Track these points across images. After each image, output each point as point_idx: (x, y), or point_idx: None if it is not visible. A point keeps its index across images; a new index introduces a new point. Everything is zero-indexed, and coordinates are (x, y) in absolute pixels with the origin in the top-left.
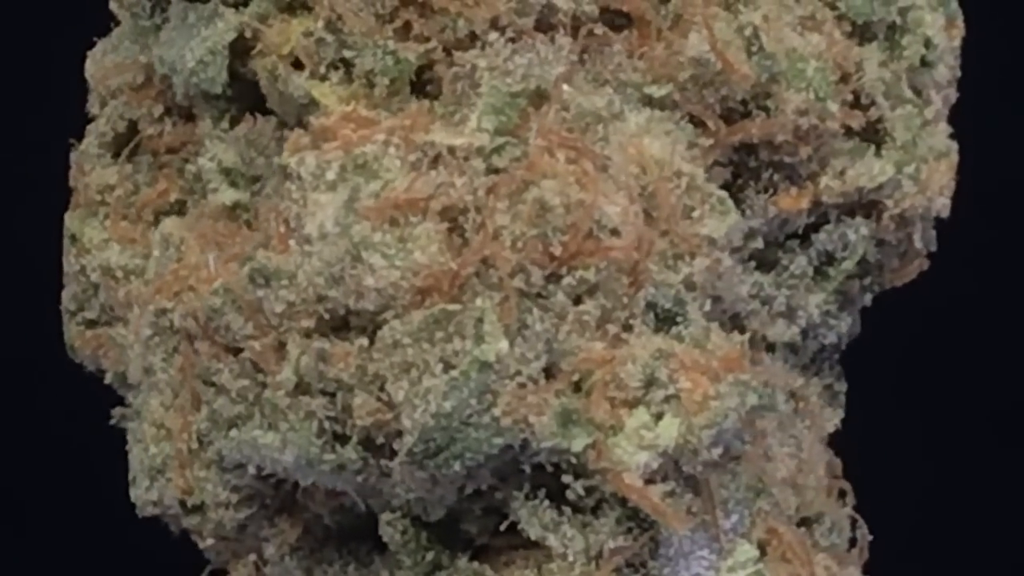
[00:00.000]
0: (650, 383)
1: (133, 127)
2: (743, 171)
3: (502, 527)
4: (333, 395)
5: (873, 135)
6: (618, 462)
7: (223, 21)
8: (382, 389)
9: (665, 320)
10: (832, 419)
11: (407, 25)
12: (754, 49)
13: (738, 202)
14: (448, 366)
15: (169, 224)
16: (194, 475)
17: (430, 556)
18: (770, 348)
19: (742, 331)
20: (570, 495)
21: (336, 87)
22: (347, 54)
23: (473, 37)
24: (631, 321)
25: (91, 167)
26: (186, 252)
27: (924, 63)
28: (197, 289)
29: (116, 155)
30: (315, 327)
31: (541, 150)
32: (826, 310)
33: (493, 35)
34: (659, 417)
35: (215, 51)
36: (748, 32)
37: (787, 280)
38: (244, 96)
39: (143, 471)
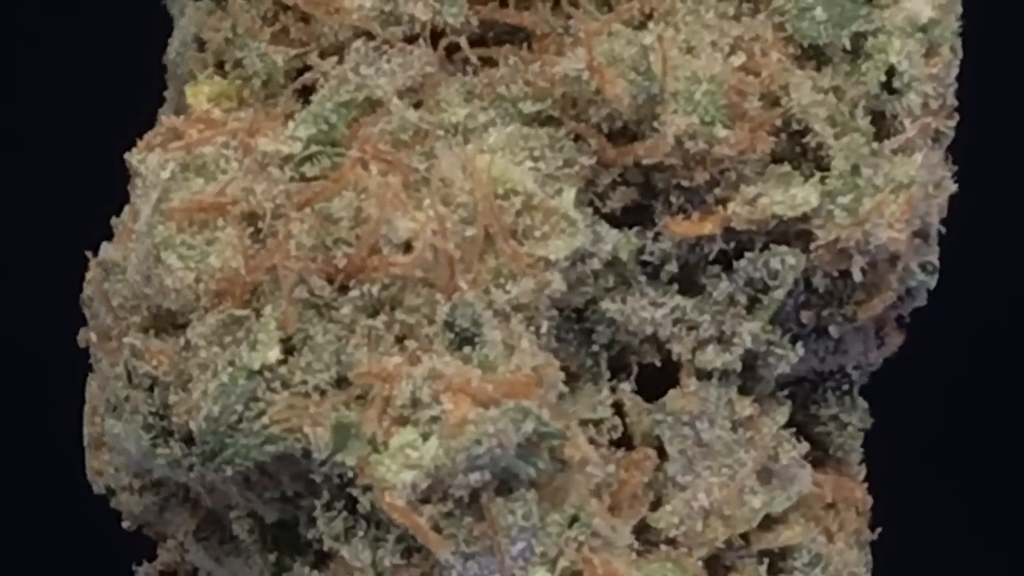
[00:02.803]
0: (415, 403)
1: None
2: (658, 193)
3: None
4: (151, 391)
5: (820, 162)
6: (381, 479)
7: (186, 15)
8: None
9: (464, 340)
10: (844, 450)
11: (285, 29)
12: (641, 69)
13: (651, 224)
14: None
15: (125, 211)
16: (101, 458)
17: (273, 558)
18: (706, 374)
19: (667, 355)
20: (360, 509)
21: (215, 86)
22: (238, 54)
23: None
24: (436, 338)
25: None
26: None
27: (891, 91)
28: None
29: None
30: (144, 322)
31: (354, 161)
32: (767, 339)
33: (358, 43)
34: (427, 437)
35: (185, 43)
36: (634, 52)
37: (711, 306)
38: None
39: (86, 450)
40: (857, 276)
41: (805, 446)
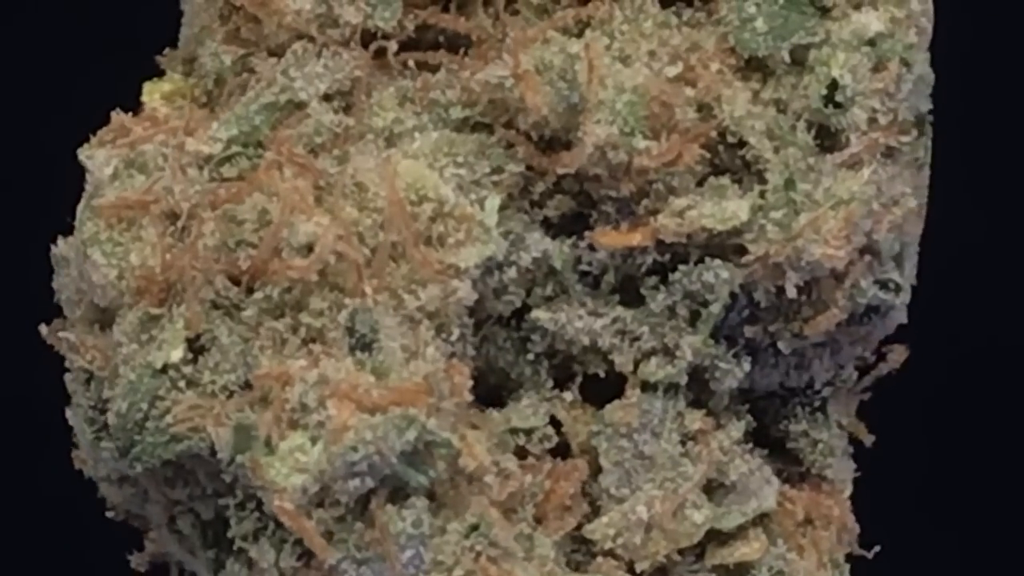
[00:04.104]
0: (303, 407)
1: None
2: (595, 203)
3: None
4: (88, 385)
5: (761, 176)
6: (271, 482)
7: (186, 13)
8: None
9: (363, 345)
10: (819, 467)
11: (237, 29)
12: (567, 78)
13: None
14: None
15: None
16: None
17: (212, 554)
18: (651, 387)
19: (611, 365)
20: (267, 509)
21: (173, 84)
22: (199, 52)
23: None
24: (339, 343)
25: None
26: None
27: (836, 105)
28: None
29: None
30: (86, 316)
31: (270, 164)
32: (711, 353)
33: (296, 45)
34: (315, 441)
35: (187, 40)
36: (560, 61)
37: (649, 318)
38: None
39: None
40: (791, 292)
41: (758, 461)
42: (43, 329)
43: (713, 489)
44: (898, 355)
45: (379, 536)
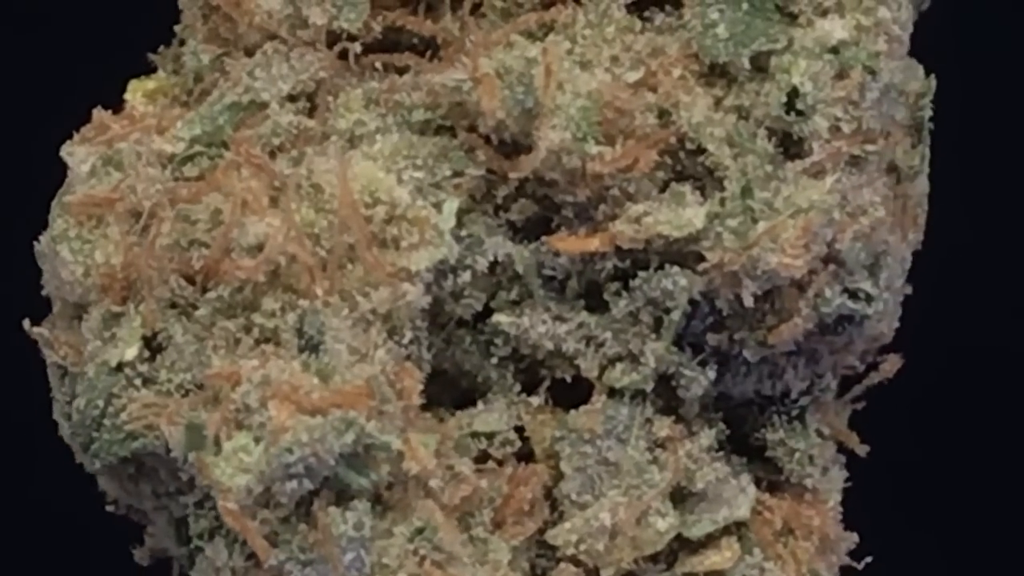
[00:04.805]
0: (246, 407)
1: None
2: (560, 207)
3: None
4: (63, 380)
5: (722, 183)
6: (217, 482)
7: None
8: None
9: (311, 347)
10: (798, 476)
11: (216, 28)
12: (524, 82)
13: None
14: None
15: None
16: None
17: (185, 551)
18: (617, 393)
19: (577, 371)
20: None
21: (157, 82)
22: (183, 50)
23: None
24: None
25: None
26: None
27: (797, 112)
28: None
29: None
30: (63, 312)
31: (228, 164)
32: (675, 360)
33: (267, 45)
34: (259, 442)
35: None
36: (519, 65)
37: (612, 324)
38: None
39: None
40: (748, 301)
41: (730, 469)
42: (26, 324)
43: (684, 497)
44: (890, 365)
45: (321, 538)
